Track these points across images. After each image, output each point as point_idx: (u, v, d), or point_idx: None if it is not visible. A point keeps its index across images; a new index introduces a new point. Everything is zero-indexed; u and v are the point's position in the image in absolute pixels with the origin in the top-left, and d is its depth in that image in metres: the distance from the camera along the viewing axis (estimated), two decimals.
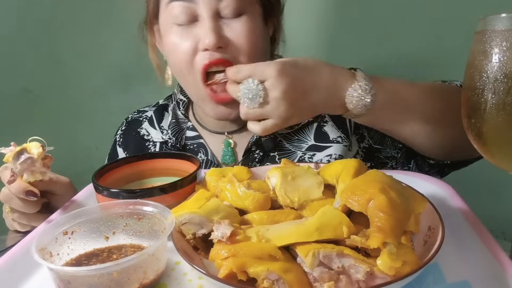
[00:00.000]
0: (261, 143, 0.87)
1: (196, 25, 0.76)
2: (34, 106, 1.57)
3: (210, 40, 0.73)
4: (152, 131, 0.96)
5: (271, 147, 0.87)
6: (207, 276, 0.41)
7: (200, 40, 0.75)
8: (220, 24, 0.76)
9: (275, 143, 0.87)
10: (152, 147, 0.95)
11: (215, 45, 0.74)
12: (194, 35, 0.76)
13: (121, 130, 1.01)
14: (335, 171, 0.57)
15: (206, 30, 0.74)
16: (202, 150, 0.89)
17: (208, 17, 0.74)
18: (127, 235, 0.54)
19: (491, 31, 0.43)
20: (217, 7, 0.75)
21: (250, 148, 0.87)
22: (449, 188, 0.66)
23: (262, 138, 0.86)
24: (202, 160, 0.89)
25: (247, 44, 0.77)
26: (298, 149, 0.86)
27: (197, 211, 0.50)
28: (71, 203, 0.68)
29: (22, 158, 0.60)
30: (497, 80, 0.43)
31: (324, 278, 0.42)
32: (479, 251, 0.50)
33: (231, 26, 0.76)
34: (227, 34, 0.76)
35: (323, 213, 0.48)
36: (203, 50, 0.76)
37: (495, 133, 0.46)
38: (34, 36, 1.50)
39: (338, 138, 0.85)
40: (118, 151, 0.98)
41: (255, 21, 0.79)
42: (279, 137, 0.88)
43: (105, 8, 1.51)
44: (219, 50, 0.75)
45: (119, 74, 1.57)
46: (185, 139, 0.92)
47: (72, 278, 0.44)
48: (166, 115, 0.97)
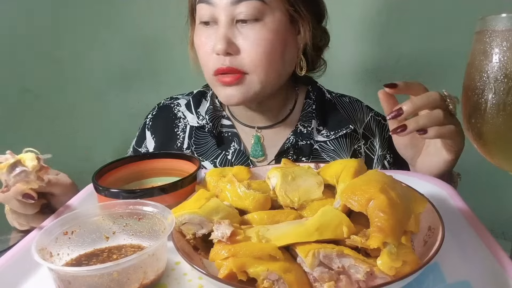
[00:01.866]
0: (298, 147, 0.88)
1: (215, 28, 0.79)
2: (34, 106, 1.58)
3: (219, 46, 0.76)
4: (188, 115, 0.97)
5: (307, 152, 0.88)
6: (207, 276, 0.41)
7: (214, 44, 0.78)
8: (234, 30, 0.77)
9: (311, 149, 0.88)
10: (181, 134, 0.96)
11: (224, 52, 0.76)
12: (212, 37, 0.79)
13: (151, 114, 1.01)
14: (335, 171, 0.57)
15: (218, 36, 0.77)
16: (235, 140, 0.91)
17: (223, 22, 0.77)
18: (127, 235, 0.54)
19: (491, 31, 0.43)
20: (233, 12, 0.76)
21: (286, 150, 0.88)
22: (449, 188, 0.66)
23: (299, 142, 0.88)
24: (235, 150, 0.90)
25: (258, 52, 0.77)
26: (332, 160, 0.87)
27: (197, 211, 0.50)
28: (71, 203, 0.68)
29: (16, 171, 0.59)
30: (497, 80, 0.43)
31: (324, 278, 0.42)
32: (479, 251, 0.50)
33: (244, 33, 0.77)
34: (239, 41, 0.77)
35: (323, 213, 0.48)
36: (216, 54, 0.78)
37: (495, 133, 0.46)
38: (34, 36, 1.50)
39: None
40: (146, 135, 0.99)
41: (272, 30, 0.78)
42: (315, 144, 0.89)
43: (105, 8, 1.51)
44: (229, 56, 0.77)
45: (119, 74, 1.57)
46: (221, 127, 0.93)
47: (72, 278, 0.44)
48: (203, 102, 0.98)
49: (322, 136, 0.89)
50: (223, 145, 0.91)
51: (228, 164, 0.89)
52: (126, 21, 1.53)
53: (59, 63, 1.55)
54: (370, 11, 1.39)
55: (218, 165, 0.89)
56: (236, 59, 0.77)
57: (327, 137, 0.89)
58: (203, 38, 0.81)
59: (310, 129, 0.89)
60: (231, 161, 0.89)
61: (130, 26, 1.53)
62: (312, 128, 0.89)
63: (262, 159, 0.90)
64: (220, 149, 0.90)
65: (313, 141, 0.89)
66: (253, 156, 0.90)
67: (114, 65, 1.56)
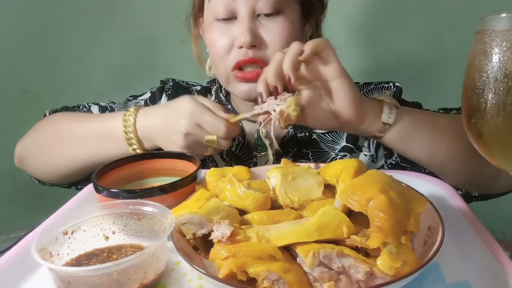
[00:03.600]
0: (296, 139, 0.89)
1: (234, 22, 0.80)
2: (34, 106, 1.57)
3: (245, 38, 0.76)
4: None
5: (306, 143, 0.89)
6: (207, 276, 0.41)
7: (236, 38, 0.79)
8: (256, 23, 0.79)
9: (310, 140, 0.89)
10: None
11: (249, 44, 0.77)
12: (231, 32, 0.79)
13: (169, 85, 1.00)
14: (335, 171, 0.57)
15: (242, 28, 0.77)
16: (240, 133, 0.91)
17: (245, 15, 0.77)
18: (127, 235, 0.54)
19: (491, 31, 0.43)
20: (254, 6, 0.77)
21: (285, 143, 0.89)
22: (449, 188, 0.66)
23: (298, 134, 0.89)
24: (239, 143, 0.90)
25: (281, 44, 0.78)
26: (331, 150, 0.89)
27: (197, 211, 0.50)
28: (71, 203, 0.68)
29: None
30: (497, 80, 0.43)
31: (324, 278, 0.42)
32: (479, 251, 0.50)
33: (267, 26, 0.79)
34: (262, 33, 0.79)
35: (323, 213, 0.48)
36: (238, 48, 0.79)
37: (495, 133, 0.45)
38: (34, 36, 1.50)
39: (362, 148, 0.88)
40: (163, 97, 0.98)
41: (292, 20, 0.80)
42: (314, 135, 0.90)
43: (105, 8, 1.51)
44: (253, 48, 0.78)
45: (119, 74, 1.57)
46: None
47: (72, 278, 0.44)
48: (208, 97, 0.99)
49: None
50: None
51: (233, 156, 0.90)
52: (126, 21, 1.53)
53: (59, 63, 1.55)
54: (370, 11, 1.39)
55: (224, 156, 0.90)
56: (258, 52, 0.79)
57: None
58: (219, 34, 0.81)
59: None
60: (235, 153, 0.90)
61: (130, 26, 1.53)
62: None
63: (265, 154, 0.91)
64: None
65: (312, 132, 0.90)
66: (255, 150, 0.91)
67: (114, 65, 1.56)
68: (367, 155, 0.88)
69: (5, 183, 1.60)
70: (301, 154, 0.89)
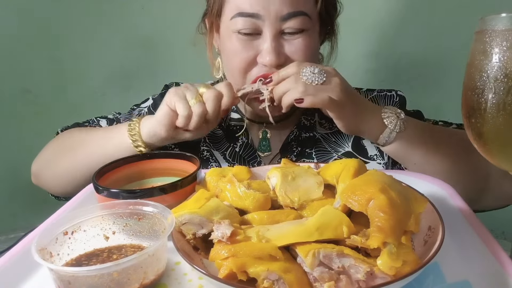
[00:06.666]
0: (301, 139, 0.90)
1: (257, 38, 0.79)
2: (34, 106, 1.58)
3: (270, 58, 0.77)
4: None
5: (310, 144, 0.90)
6: (207, 276, 0.41)
7: (260, 54, 0.79)
8: (281, 40, 0.79)
9: (313, 140, 0.90)
10: None
11: (275, 64, 0.78)
12: (255, 46, 0.79)
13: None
14: (335, 171, 0.57)
15: (268, 48, 0.77)
16: (244, 133, 0.91)
17: (271, 36, 0.77)
18: (127, 235, 0.54)
19: (491, 31, 0.43)
20: (280, 26, 0.78)
21: (290, 142, 0.90)
22: (449, 188, 0.66)
23: (302, 134, 0.90)
24: (243, 143, 0.91)
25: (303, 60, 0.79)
26: (334, 151, 0.90)
27: (197, 211, 0.50)
28: (71, 203, 0.68)
29: None
30: (497, 80, 0.43)
31: (324, 278, 0.42)
32: (479, 251, 0.50)
33: (291, 43, 0.79)
34: (286, 50, 0.80)
35: (323, 213, 0.48)
36: (263, 65, 0.79)
37: (495, 133, 0.45)
38: (34, 36, 1.50)
39: (374, 156, 0.89)
40: None
41: (313, 37, 0.82)
42: (317, 135, 0.91)
43: (105, 8, 1.51)
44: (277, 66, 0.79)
45: (119, 74, 1.57)
46: (230, 120, 0.95)
47: (72, 279, 0.44)
48: None
49: (324, 128, 0.91)
50: (232, 138, 0.92)
51: (237, 157, 0.91)
52: (126, 21, 1.53)
53: (59, 63, 1.55)
54: (370, 11, 1.39)
55: (228, 157, 0.91)
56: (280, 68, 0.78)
57: (329, 129, 0.91)
58: (241, 47, 0.80)
59: (313, 122, 0.92)
60: (239, 153, 0.91)
61: (130, 26, 1.53)
62: (315, 121, 0.92)
63: (268, 154, 0.92)
64: (228, 142, 0.92)
65: (315, 133, 0.91)
66: (259, 150, 0.92)
67: (114, 65, 1.56)
68: (381, 163, 0.88)
69: (5, 183, 1.60)
70: (305, 153, 0.90)
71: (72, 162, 0.85)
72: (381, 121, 0.74)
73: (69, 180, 0.86)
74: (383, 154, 0.89)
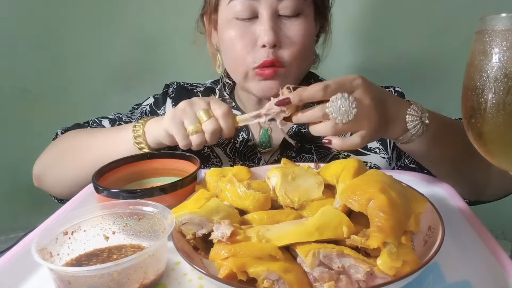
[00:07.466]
0: (301, 134, 0.90)
1: (255, 22, 0.81)
2: (34, 106, 1.58)
3: (268, 37, 0.78)
4: None
5: (309, 139, 0.89)
6: (207, 276, 0.41)
7: (258, 37, 0.80)
8: (278, 23, 0.80)
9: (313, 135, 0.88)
10: None
11: (273, 43, 0.79)
12: (253, 31, 0.81)
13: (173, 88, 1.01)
14: (335, 171, 0.57)
15: (266, 28, 0.79)
16: (244, 129, 0.92)
17: (268, 16, 0.79)
18: (127, 235, 0.54)
19: (491, 31, 0.43)
20: (277, 6, 0.79)
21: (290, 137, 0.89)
22: (449, 188, 0.66)
23: (301, 129, 0.90)
24: (243, 139, 0.91)
25: (300, 44, 0.81)
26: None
27: (197, 211, 0.50)
28: (71, 203, 0.68)
29: None
30: (497, 80, 0.43)
31: (324, 278, 0.42)
32: (479, 251, 0.50)
33: (287, 26, 0.81)
34: (283, 34, 0.81)
35: (323, 213, 0.48)
36: (261, 47, 0.80)
37: (495, 133, 0.45)
38: (34, 36, 1.50)
39: (376, 149, 0.88)
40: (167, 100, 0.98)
41: (309, 21, 0.84)
42: None
43: (105, 8, 1.51)
44: (273, 48, 0.80)
45: (119, 74, 1.57)
46: None
47: (72, 279, 0.44)
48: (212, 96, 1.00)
49: None
50: None
51: (237, 152, 0.91)
52: (126, 21, 1.53)
53: (59, 63, 1.55)
54: (370, 11, 1.39)
55: (228, 152, 0.91)
56: (277, 52, 0.80)
57: None
58: (240, 33, 0.81)
59: None
60: (240, 149, 0.91)
61: (130, 26, 1.53)
62: None
63: (269, 150, 0.92)
64: None
65: None
66: (260, 146, 0.92)
67: (114, 65, 1.56)
68: (385, 158, 0.88)
69: (5, 183, 1.60)
70: (304, 149, 0.90)
71: (77, 166, 0.85)
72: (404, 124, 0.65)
73: (73, 183, 0.86)
74: (387, 148, 0.88)
